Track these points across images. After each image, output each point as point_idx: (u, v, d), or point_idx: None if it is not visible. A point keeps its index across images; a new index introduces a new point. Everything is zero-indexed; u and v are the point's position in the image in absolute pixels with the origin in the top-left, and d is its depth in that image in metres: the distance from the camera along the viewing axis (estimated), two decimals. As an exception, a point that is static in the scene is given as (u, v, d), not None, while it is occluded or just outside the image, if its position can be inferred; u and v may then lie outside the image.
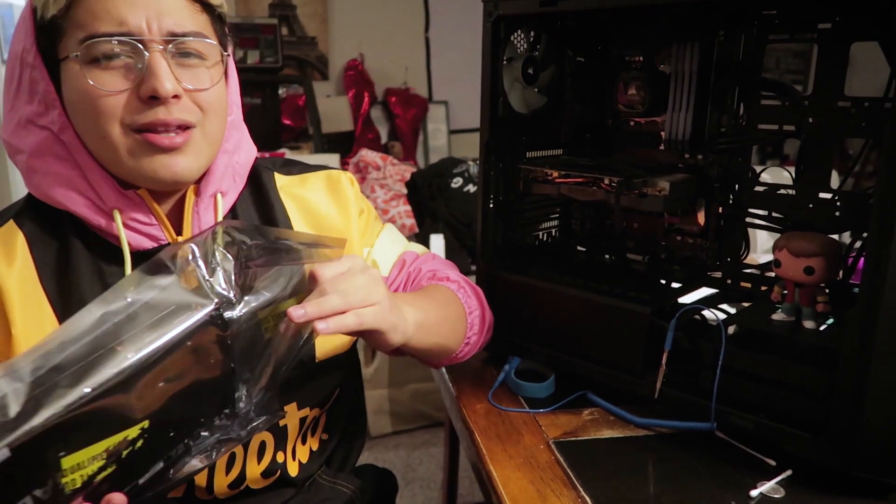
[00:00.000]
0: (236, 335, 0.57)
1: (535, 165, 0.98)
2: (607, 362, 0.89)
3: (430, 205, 2.24)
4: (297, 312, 0.60)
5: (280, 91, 3.62)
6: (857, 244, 0.83)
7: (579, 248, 1.11)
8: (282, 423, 0.78)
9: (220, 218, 0.76)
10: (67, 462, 0.49)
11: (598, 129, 1.07)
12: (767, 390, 0.77)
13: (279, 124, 3.46)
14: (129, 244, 0.71)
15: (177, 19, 0.67)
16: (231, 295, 0.57)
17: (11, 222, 0.72)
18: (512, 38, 0.97)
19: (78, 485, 0.51)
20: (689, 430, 0.81)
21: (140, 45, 0.66)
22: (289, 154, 3.00)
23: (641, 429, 0.84)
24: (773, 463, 0.75)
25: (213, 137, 0.73)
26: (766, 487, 0.71)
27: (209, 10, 0.72)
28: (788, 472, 0.73)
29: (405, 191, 2.44)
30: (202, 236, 0.59)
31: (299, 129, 3.80)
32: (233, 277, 0.58)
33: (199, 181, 0.75)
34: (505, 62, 0.96)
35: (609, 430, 0.84)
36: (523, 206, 1.05)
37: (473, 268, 1.06)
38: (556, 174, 0.95)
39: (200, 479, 0.75)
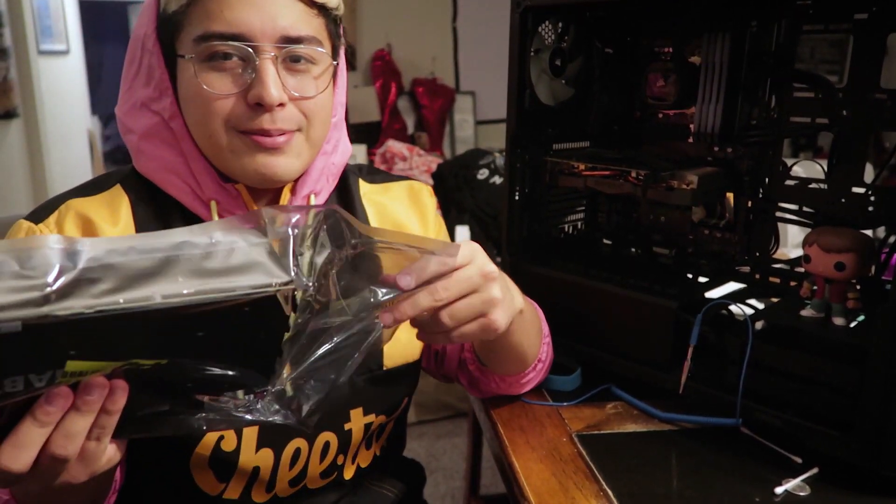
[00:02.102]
0: (297, 325, 0.54)
1: (561, 158, 0.98)
2: (632, 356, 0.89)
3: (456, 196, 2.24)
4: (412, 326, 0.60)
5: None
6: (891, 240, 0.82)
7: (605, 241, 1.10)
8: (346, 426, 0.78)
9: (310, 220, 0.77)
10: (71, 366, 0.46)
11: (626, 121, 1.06)
12: (795, 387, 0.76)
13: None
14: None
15: (291, 22, 0.68)
16: (309, 284, 0.54)
17: (119, 186, 0.75)
18: (539, 29, 0.96)
19: (71, 384, 0.48)
20: (713, 426, 0.81)
21: (251, 50, 0.67)
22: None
23: (665, 423, 0.83)
24: (799, 460, 0.74)
25: (316, 141, 0.74)
26: (791, 485, 0.71)
27: (325, 12, 0.72)
28: (815, 470, 0.73)
29: (431, 182, 2.44)
30: (311, 211, 0.56)
31: (327, 120, 3.83)
32: (316, 269, 0.55)
33: (296, 180, 0.76)
34: (532, 53, 0.96)
35: (633, 424, 0.84)
36: (549, 198, 1.04)
37: (499, 259, 1.06)
38: (582, 167, 0.95)
39: (264, 474, 0.75)
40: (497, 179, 2.20)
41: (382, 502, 0.87)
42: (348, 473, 0.82)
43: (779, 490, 0.70)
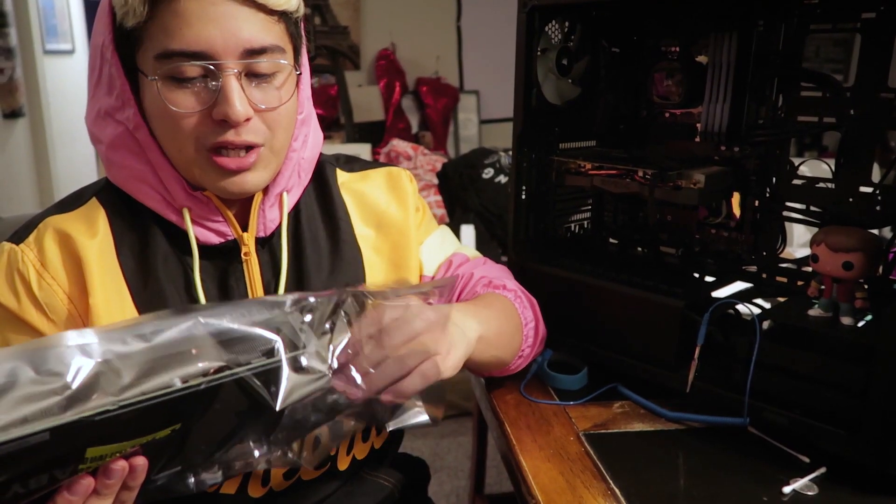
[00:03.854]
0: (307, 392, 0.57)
1: (567, 157, 0.98)
2: (639, 355, 0.89)
3: (461, 195, 2.25)
4: (356, 395, 0.59)
5: (312, 81, 3.65)
6: (899, 239, 0.82)
7: (611, 240, 1.10)
8: (337, 417, 0.79)
9: (284, 214, 0.78)
10: (92, 452, 0.48)
11: (633, 120, 1.06)
12: (802, 386, 0.76)
13: (311, 114, 3.49)
14: (198, 238, 0.74)
15: (252, 34, 0.67)
16: (325, 369, 0.56)
17: (94, 199, 0.75)
18: (546, 28, 0.96)
19: (92, 469, 0.50)
20: (720, 425, 0.81)
21: (213, 68, 0.66)
22: (321, 143, 3.02)
23: (672, 423, 0.83)
24: (806, 460, 0.74)
25: (280, 148, 0.74)
26: (799, 484, 0.71)
27: (285, 17, 0.71)
28: (822, 470, 0.73)
29: (436, 181, 2.45)
30: (335, 296, 0.59)
31: (331, 119, 3.83)
32: (337, 351, 0.57)
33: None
34: (539, 53, 0.96)
35: (640, 423, 0.84)
36: (555, 197, 1.04)
37: (504, 259, 1.06)
38: (588, 166, 0.95)
39: (257, 471, 0.76)
40: (502, 178, 2.21)
41: (380, 492, 0.87)
42: (342, 465, 0.83)
43: (786, 489, 0.70)
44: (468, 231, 2.12)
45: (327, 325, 0.58)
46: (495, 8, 4.03)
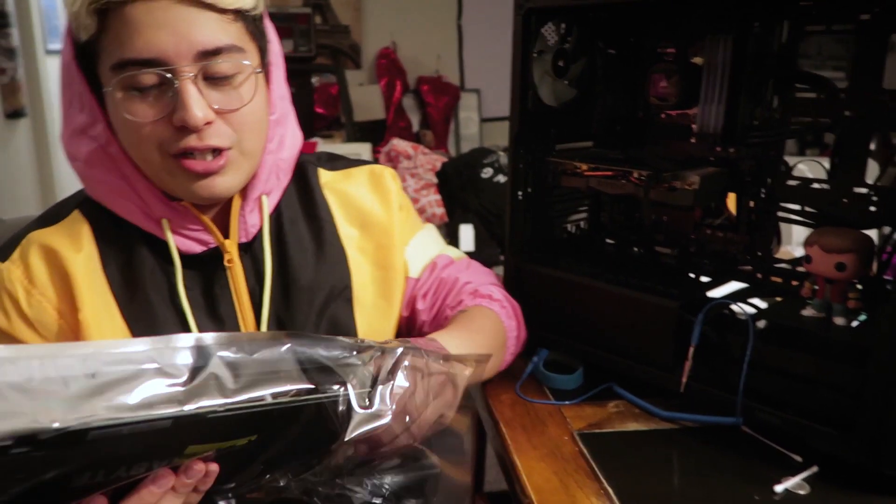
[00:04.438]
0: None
1: (564, 158, 0.98)
2: (635, 355, 0.89)
3: (460, 195, 2.25)
4: (404, 439, 0.63)
5: (313, 80, 3.66)
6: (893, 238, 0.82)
7: (608, 240, 1.11)
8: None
9: (265, 218, 0.78)
10: (190, 449, 0.51)
11: (629, 121, 1.06)
12: (795, 386, 0.77)
13: (312, 113, 3.50)
14: (179, 249, 0.74)
15: (206, 36, 0.66)
16: (388, 410, 0.60)
17: (77, 212, 0.75)
18: (542, 30, 0.97)
19: (175, 465, 0.53)
20: (714, 425, 0.81)
21: (168, 74, 0.65)
22: (321, 143, 3.03)
23: (666, 422, 0.84)
24: (799, 459, 0.75)
25: (253, 150, 0.73)
26: (791, 483, 0.71)
27: (242, 16, 0.69)
28: (814, 469, 0.73)
29: (436, 180, 2.45)
30: (401, 347, 0.63)
31: (332, 118, 3.84)
32: (396, 397, 0.61)
33: (244, 186, 0.76)
34: (535, 55, 0.96)
35: (634, 422, 0.84)
36: (552, 198, 1.05)
37: (503, 258, 1.07)
38: (585, 167, 0.95)
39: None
40: (501, 178, 2.21)
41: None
42: None
43: (778, 488, 0.71)
44: (468, 231, 2.13)
45: (388, 373, 0.62)
46: (496, 6, 4.03)
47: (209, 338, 0.51)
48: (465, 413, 0.70)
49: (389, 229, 0.86)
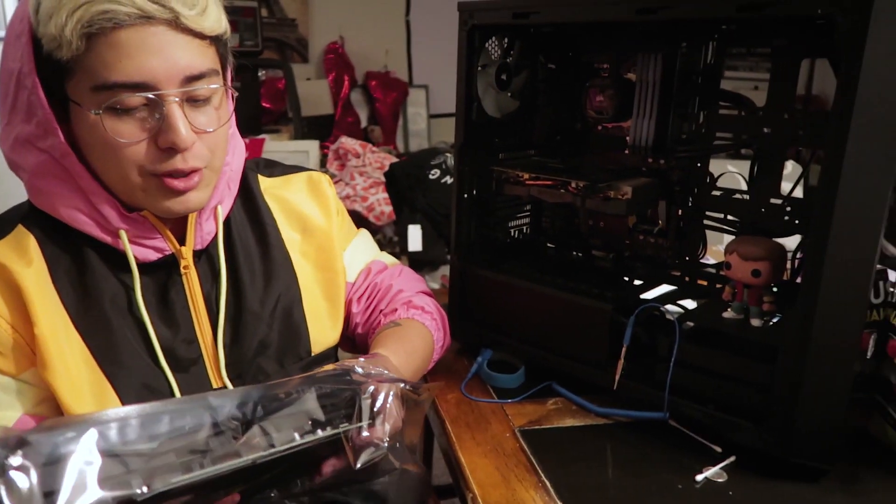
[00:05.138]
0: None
1: (507, 167, 1.03)
2: (572, 355, 0.95)
3: (408, 195, 2.29)
4: (393, 465, 0.70)
5: (259, 74, 3.62)
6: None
7: (549, 244, 1.16)
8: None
9: (220, 226, 0.80)
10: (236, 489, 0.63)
11: (569, 132, 1.12)
12: (716, 383, 0.83)
13: (259, 108, 3.46)
14: (136, 257, 0.75)
15: (190, 61, 0.68)
16: (386, 440, 0.67)
17: (21, 227, 0.74)
18: (486, 45, 1.01)
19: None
20: (644, 419, 0.88)
21: (155, 97, 0.67)
22: (269, 139, 3.01)
23: (601, 418, 0.90)
24: (718, 450, 0.82)
25: (219, 167, 0.76)
26: (710, 472, 0.78)
27: (217, 41, 0.73)
28: (732, 458, 0.80)
29: (384, 179, 2.48)
30: (392, 383, 0.70)
31: (279, 113, 3.80)
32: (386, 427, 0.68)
33: None
34: (480, 68, 1.00)
35: (571, 419, 0.90)
36: (496, 204, 1.10)
37: (449, 257, 1.11)
38: (526, 176, 1.00)
39: None
40: (448, 179, 2.25)
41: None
42: None
43: (699, 477, 0.77)
44: (415, 230, 2.16)
45: (382, 403, 0.68)
46: (444, 2, 4.05)
47: (254, 391, 0.62)
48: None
49: (329, 233, 0.90)
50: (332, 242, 0.90)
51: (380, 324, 0.91)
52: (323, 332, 0.88)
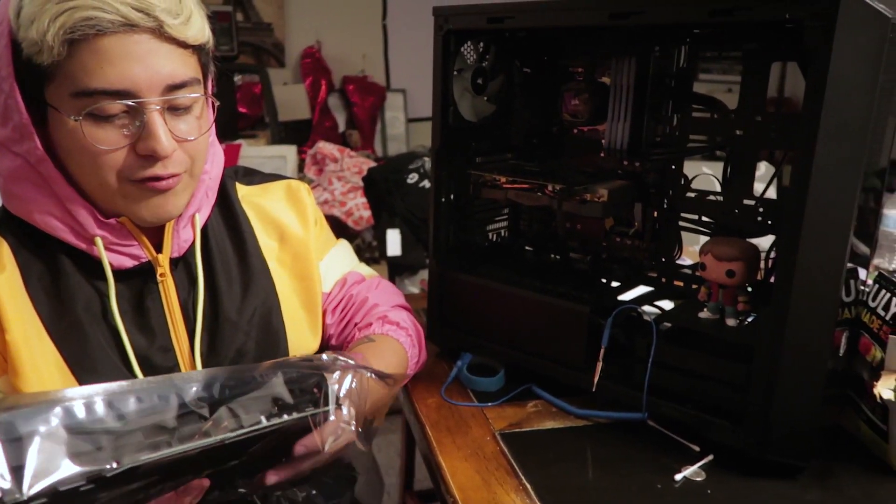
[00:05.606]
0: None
1: (484, 171, 1.03)
2: (551, 357, 0.95)
3: (386, 200, 2.28)
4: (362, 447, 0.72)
5: (236, 79, 3.59)
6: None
7: (527, 247, 1.17)
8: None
9: (198, 234, 0.80)
10: (205, 473, 0.62)
11: (545, 135, 1.12)
12: (693, 382, 0.84)
13: (235, 113, 3.44)
14: (111, 264, 0.74)
15: (172, 70, 0.68)
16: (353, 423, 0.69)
17: None
18: (462, 49, 1.01)
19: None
20: (623, 420, 0.88)
21: (136, 105, 0.67)
22: (245, 144, 2.99)
23: (581, 419, 0.90)
24: (697, 449, 0.82)
25: (198, 173, 0.76)
26: (689, 471, 0.79)
27: (199, 50, 0.73)
28: (710, 457, 0.81)
29: (362, 184, 2.47)
30: (354, 373, 0.70)
31: (256, 118, 3.78)
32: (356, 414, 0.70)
33: None
34: (456, 73, 1.01)
35: (551, 421, 0.90)
36: (474, 207, 1.10)
37: (428, 262, 1.11)
38: (503, 179, 1.01)
39: None
40: (427, 184, 2.26)
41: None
42: None
43: (678, 477, 0.78)
44: (394, 235, 2.16)
45: (348, 389, 0.70)
46: (420, 6, 4.05)
47: (220, 373, 0.62)
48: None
49: (306, 242, 0.89)
50: (308, 251, 0.89)
51: (353, 337, 0.91)
52: (302, 339, 0.88)
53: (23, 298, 0.71)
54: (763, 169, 0.97)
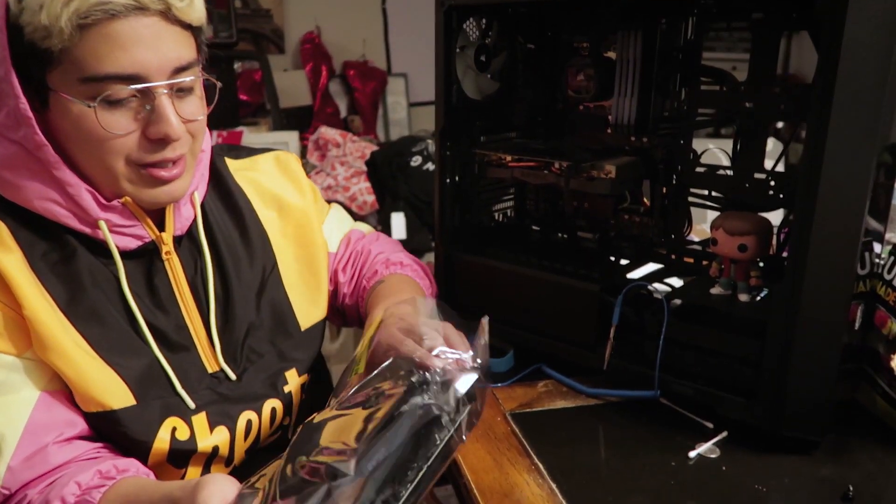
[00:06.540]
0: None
1: (489, 150, 1.02)
2: (561, 337, 0.94)
3: (390, 183, 2.27)
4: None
5: (235, 66, 3.57)
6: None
7: (534, 227, 1.15)
8: (286, 389, 0.84)
9: (198, 210, 0.80)
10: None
11: (550, 112, 1.10)
12: (706, 359, 0.83)
13: (236, 101, 3.42)
14: (116, 245, 0.74)
15: (178, 52, 0.69)
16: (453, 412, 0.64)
17: None
18: (464, 26, 0.99)
19: None
20: (635, 398, 0.87)
21: (146, 89, 0.67)
22: (247, 131, 2.97)
23: (592, 398, 0.90)
24: (710, 426, 0.82)
25: (198, 151, 0.77)
26: (703, 448, 0.78)
27: (196, 30, 0.73)
28: (724, 434, 0.80)
29: (365, 168, 2.46)
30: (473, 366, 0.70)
31: (257, 105, 3.76)
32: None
33: None
34: (458, 50, 0.99)
35: (562, 400, 0.89)
36: (479, 187, 1.09)
37: (434, 244, 1.11)
38: (509, 158, 0.99)
39: (223, 451, 0.79)
40: (430, 166, 2.24)
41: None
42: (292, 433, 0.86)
43: (692, 454, 0.77)
44: (399, 218, 2.15)
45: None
46: (420, -10, 4.01)
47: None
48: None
49: (305, 209, 0.91)
50: (309, 218, 0.91)
51: (364, 289, 0.94)
52: (307, 306, 0.89)
53: (31, 279, 0.71)
54: (771, 145, 0.96)
